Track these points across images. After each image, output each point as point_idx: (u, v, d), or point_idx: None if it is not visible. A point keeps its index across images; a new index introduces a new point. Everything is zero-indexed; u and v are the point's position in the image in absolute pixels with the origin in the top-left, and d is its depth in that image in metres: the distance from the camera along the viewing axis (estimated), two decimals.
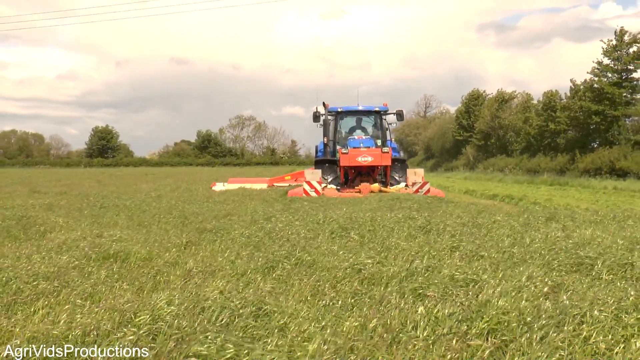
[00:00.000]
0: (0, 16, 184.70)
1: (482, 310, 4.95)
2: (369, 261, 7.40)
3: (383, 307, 5.35)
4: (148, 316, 4.91)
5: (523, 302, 5.26)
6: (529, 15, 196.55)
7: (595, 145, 54.48)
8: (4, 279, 6.60)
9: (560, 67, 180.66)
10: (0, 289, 6.15)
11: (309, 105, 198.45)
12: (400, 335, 4.48)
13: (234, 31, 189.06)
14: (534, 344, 4.30)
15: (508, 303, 5.18)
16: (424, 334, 4.57)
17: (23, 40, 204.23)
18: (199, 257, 8.32)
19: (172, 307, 5.11)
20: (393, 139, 28.71)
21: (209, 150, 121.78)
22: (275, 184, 30.60)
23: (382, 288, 6.23)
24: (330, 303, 5.61)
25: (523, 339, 4.41)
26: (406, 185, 23.05)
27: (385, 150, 22.48)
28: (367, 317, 4.95)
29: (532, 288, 5.93)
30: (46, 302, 5.67)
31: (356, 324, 4.77)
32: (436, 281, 6.27)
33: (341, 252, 8.16)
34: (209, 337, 4.28)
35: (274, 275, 7.05)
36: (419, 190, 21.31)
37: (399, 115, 26.08)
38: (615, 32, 55.28)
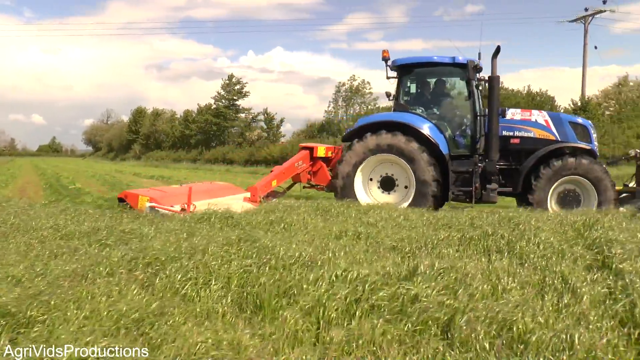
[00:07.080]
0: None
1: (144, 252, 4.84)
2: (62, 223, 6.83)
3: (78, 254, 5.04)
4: None
5: (168, 244, 5.07)
6: (177, 61, 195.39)
7: (215, 145, 57.33)
8: None
9: (196, 95, 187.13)
10: None
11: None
12: (89, 273, 4.27)
13: None
14: (179, 270, 4.25)
15: (161, 246, 4.95)
16: (107, 271, 4.38)
17: None
18: None
19: None
20: None
21: None
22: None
23: (77, 241, 5.87)
24: (40, 254, 5.13)
25: (170, 267, 4.32)
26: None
27: None
28: (67, 262, 4.62)
29: (174, 235, 5.72)
30: None
31: (66, 267, 4.38)
32: (115, 234, 6.03)
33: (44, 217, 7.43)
34: None
35: None
36: None
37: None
38: (228, 75, 60.71)
